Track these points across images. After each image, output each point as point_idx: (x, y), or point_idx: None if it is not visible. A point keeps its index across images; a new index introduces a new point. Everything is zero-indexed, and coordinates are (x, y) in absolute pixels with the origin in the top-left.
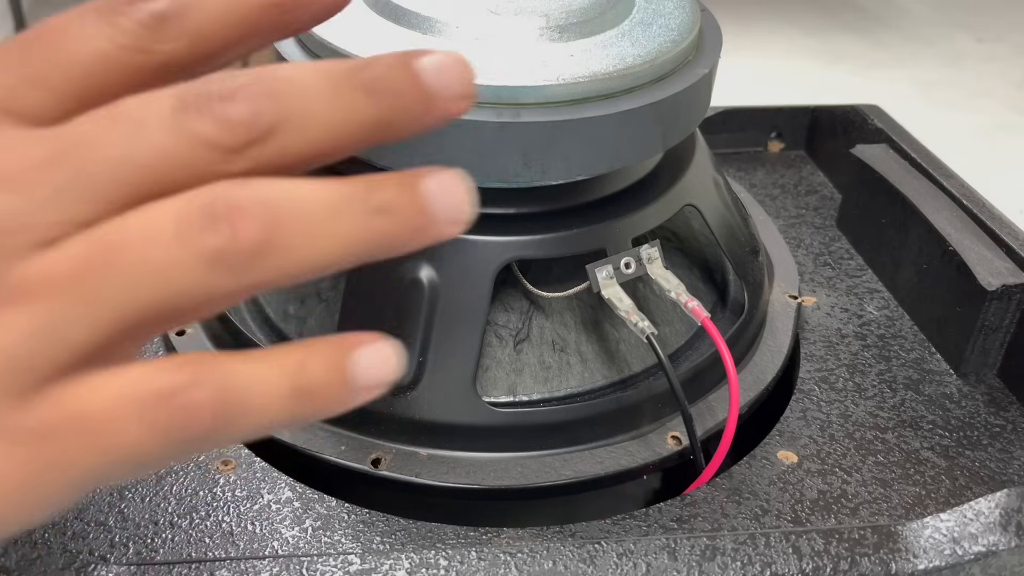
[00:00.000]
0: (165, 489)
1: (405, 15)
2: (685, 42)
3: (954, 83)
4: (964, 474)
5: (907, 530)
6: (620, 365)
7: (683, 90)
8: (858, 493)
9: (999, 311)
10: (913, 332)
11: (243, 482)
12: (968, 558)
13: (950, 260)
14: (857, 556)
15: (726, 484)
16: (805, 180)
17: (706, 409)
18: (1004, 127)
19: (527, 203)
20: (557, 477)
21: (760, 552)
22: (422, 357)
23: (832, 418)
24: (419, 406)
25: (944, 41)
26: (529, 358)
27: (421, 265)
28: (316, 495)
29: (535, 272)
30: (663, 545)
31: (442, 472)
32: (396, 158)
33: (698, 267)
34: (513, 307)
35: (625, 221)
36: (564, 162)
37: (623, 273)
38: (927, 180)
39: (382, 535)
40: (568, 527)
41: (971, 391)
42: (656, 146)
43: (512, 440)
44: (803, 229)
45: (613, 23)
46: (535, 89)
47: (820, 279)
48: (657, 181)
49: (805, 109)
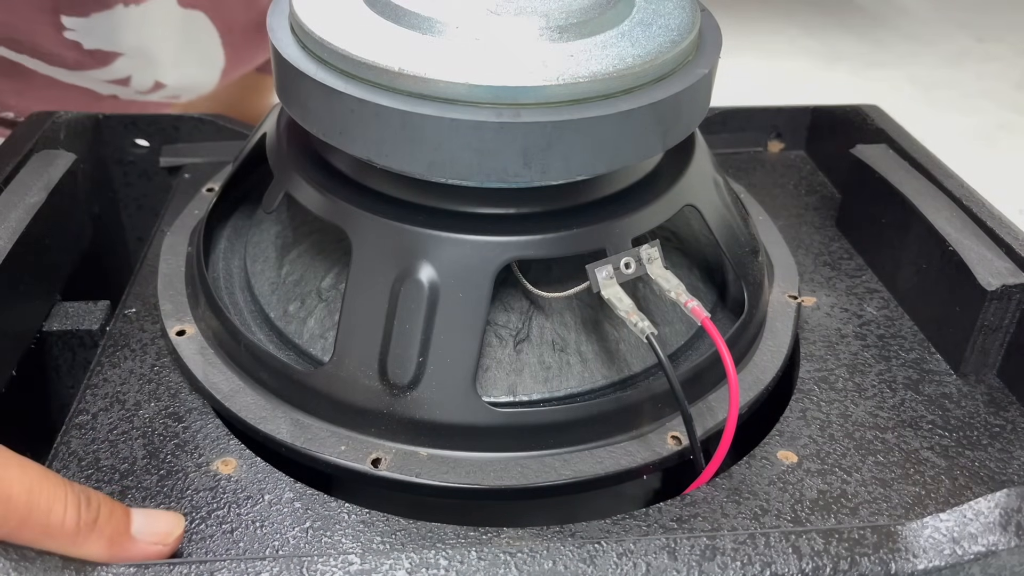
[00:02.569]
0: (166, 489)
1: (405, 15)
2: (685, 42)
3: (954, 83)
4: (964, 474)
5: (907, 530)
6: (620, 365)
7: (683, 90)
8: (858, 493)
9: (999, 311)
10: (913, 332)
11: (243, 482)
12: (968, 558)
13: (950, 260)
14: (857, 556)
15: (726, 484)
16: (805, 180)
17: (706, 409)
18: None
19: (527, 203)
20: (557, 477)
21: (760, 552)
22: (422, 357)
23: (832, 418)
24: (419, 406)
25: (944, 41)
26: (529, 358)
27: (421, 265)
28: (316, 495)
29: (535, 272)
30: (663, 545)
31: (442, 472)
32: (397, 158)
33: (698, 267)
34: (513, 307)
35: (625, 221)
36: (564, 162)
37: (623, 273)
38: (927, 180)
39: (382, 535)
40: (568, 527)
41: (971, 391)
42: (656, 146)
43: (512, 440)
44: (803, 229)
45: (613, 23)
46: (535, 89)
47: (820, 279)
48: (657, 181)
49: (805, 109)
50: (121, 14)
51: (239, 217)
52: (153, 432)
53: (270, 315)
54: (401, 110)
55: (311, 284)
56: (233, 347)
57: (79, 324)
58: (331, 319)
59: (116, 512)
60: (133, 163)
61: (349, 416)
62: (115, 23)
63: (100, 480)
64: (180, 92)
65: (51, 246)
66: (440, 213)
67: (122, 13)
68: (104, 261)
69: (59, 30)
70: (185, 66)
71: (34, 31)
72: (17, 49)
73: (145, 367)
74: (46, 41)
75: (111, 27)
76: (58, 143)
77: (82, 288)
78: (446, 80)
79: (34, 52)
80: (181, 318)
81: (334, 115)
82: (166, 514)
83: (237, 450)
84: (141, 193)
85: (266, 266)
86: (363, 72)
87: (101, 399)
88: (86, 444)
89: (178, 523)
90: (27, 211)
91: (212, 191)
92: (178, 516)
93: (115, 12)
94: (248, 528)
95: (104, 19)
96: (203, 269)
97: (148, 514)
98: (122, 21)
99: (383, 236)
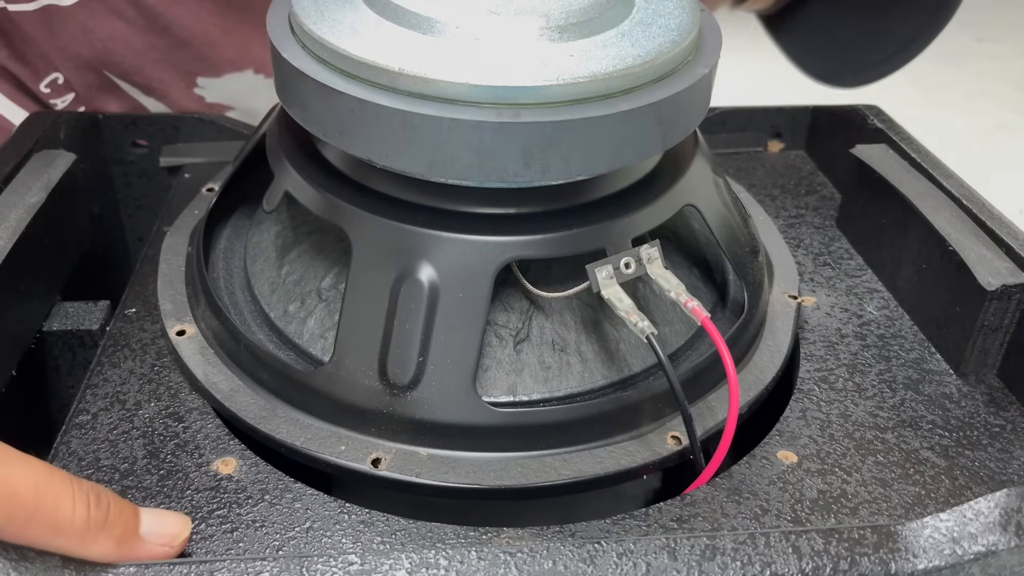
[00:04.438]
0: (166, 489)
1: (405, 15)
2: (685, 42)
3: (954, 83)
4: (964, 474)
5: (907, 530)
6: (620, 365)
7: (683, 90)
8: (858, 493)
9: (999, 311)
10: (913, 332)
11: (243, 482)
12: (968, 558)
13: (950, 260)
14: (857, 556)
15: (726, 484)
16: (805, 180)
17: (706, 409)
18: (1004, 127)
19: (527, 203)
20: (557, 477)
21: (760, 552)
22: (422, 357)
23: (832, 418)
24: (419, 406)
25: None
26: (529, 358)
27: (421, 265)
28: (316, 495)
29: (535, 272)
30: (663, 545)
31: (442, 472)
32: (397, 158)
33: (698, 267)
34: (513, 307)
35: (625, 221)
36: (564, 162)
37: (623, 273)
38: (927, 180)
39: (382, 535)
40: (568, 527)
41: (971, 391)
42: (656, 146)
43: (512, 440)
44: (803, 229)
45: (613, 23)
46: (535, 89)
47: (820, 279)
48: (657, 181)
49: (805, 109)
50: (249, 78)
51: (239, 217)
52: (153, 432)
53: (270, 315)
54: (401, 110)
55: (311, 284)
56: (233, 347)
57: (79, 324)
58: (331, 319)
59: (125, 511)
60: (133, 163)
61: (349, 416)
62: (241, 85)
63: (100, 480)
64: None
65: (51, 246)
66: (440, 213)
67: (250, 78)
68: (104, 261)
69: (191, 87)
70: None
71: (169, 85)
72: (146, 92)
73: (145, 367)
74: (175, 94)
75: (236, 88)
76: (58, 143)
77: (82, 288)
78: (446, 80)
79: (161, 99)
80: (181, 318)
81: (334, 115)
82: (174, 515)
83: (237, 450)
84: (141, 193)
85: (266, 266)
86: (363, 72)
87: (101, 399)
88: (86, 444)
89: (185, 525)
90: (27, 211)
91: (212, 191)
92: (185, 518)
93: (244, 76)
94: (248, 528)
95: (235, 80)
96: (203, 269)
97: (156, 514)
98: (246, 84)
99: (383, 236)
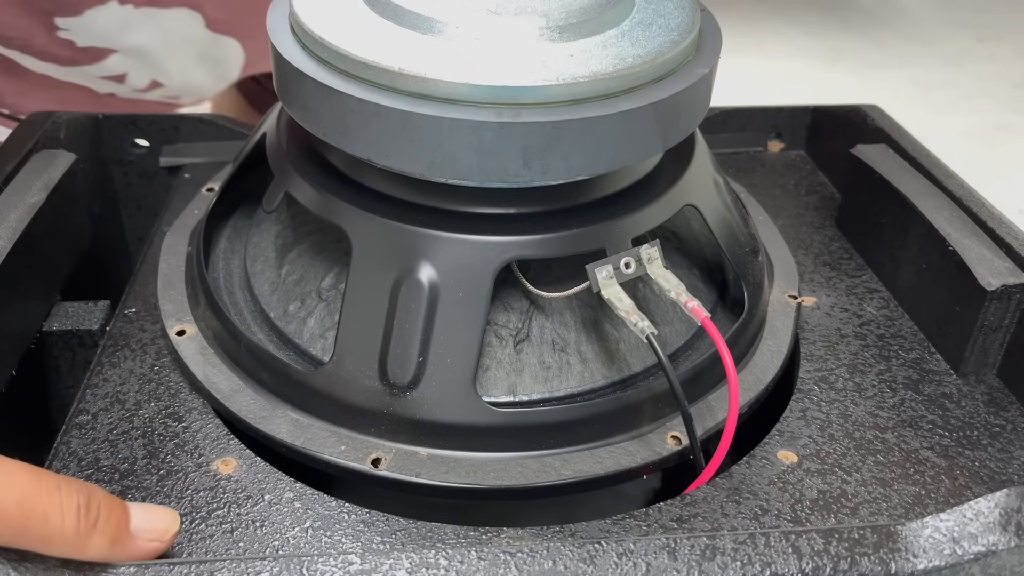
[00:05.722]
0: (166, 489)
1: (405, 15)
2: (685, 42)
3: (954, 83)
4: (964, 474)
5: (907, 530)
6: (620, 365)
7: (683, 90)
8: (858, 493)
9: (999, 311)
10: (913, 332)
11: (243, 482)
12: (968, 558)
13: (950, 260)
14: (857, 556)
15: (726, 484)
16: (805, 180)
17: (706, 409)
18: (1004, 127)
19: (527, 203)
20: (557, 477)
21: (760, 552)
22: (422, 357)
23: (832, 418)
24: (419, 406)
25: (944, 41)
26: (529, 358)
27: (421, 265)
28: (316, 495)
29: (535, 272)
30: (663, 545)
31: (442, 472)
32: (397, 158)
33: (698, 267)
34: (513, 307)
35: (625, 221)
36: (564, 162)
37: (623, 273)
38: (927, 180)
39: (382, 535)
40: (568, 527)
41: (971, 391)
42: (656, 146)
43: (512, 440)
44: (803, 229)
45: (613, 23)
46: (535, 89)
47: (820, 279)
48: (657, 181)
49: (805, 109)
50: (115, 11)
51: (239, 217)
52: (153, 432)
53: (270, 315)
54: (401, 110)
55: (311, 284)
56: (233, 347)
57: (79, 324)
58: (331, 319)
59: (115, 510)
60: (133, 163)
61: (349, 416)
62: (109, 20)
63: (100, 480)
64: (180, 94)
65: (51, 246)
66: (440, 213)
67: (116, 11)
68: (104, 261)
69: (52, 30)
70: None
71: (27, 31)
72: (7, 45)
73: (145, 367)
74: (39, 40)
75: (105, 24)
76: (58, 143)
77: (82, 288)
78: (446, 80)
79: (26, 49)
80: (181, 318)
81: (334, 115)
82: (162, 510)
83: (237, 450)
84: (141, 193)
85: (266, 266)
86: (363, 72)
87: (101, 399)
88: (86, 444)
89: (174, 520)
90: (27, 211)
91: (212, 191)
92: (174, 513)
93: (109, 8)
94: (248, 528)
95: (98, 15)
96: (203, 269)
97: (145, 510)
98: (116, 18)
99: (383, 236)
